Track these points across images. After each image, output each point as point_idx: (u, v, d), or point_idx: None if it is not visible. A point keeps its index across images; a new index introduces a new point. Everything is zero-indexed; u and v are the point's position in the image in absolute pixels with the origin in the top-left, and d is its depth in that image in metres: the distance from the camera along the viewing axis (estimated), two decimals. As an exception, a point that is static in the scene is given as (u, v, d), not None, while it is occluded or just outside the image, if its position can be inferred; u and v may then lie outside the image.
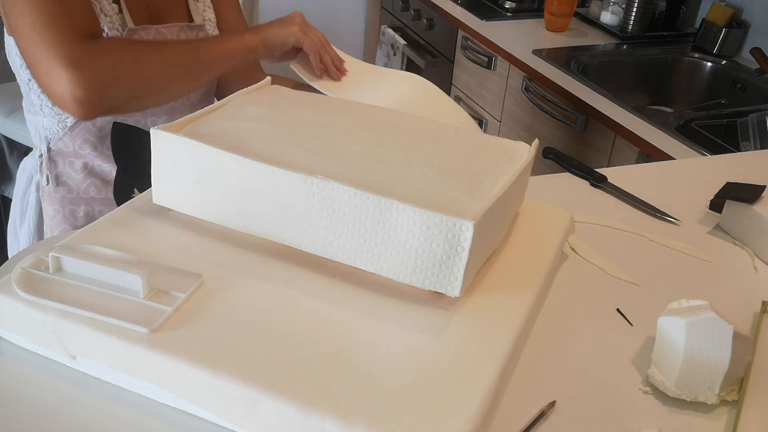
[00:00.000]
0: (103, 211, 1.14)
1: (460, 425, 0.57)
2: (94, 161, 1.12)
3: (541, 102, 1.98)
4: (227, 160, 0.71)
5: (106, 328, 0.63)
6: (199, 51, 1.04)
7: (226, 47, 1.06)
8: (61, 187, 1.13)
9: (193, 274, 0.69)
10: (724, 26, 2.09)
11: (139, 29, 1.05)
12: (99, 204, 1.15)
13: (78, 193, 1.13)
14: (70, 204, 1.14)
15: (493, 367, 0.63)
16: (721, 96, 2.03)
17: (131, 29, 1.03)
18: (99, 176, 1.13)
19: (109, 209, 1.13)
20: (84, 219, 1.15)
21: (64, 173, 1.13)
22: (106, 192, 1.14)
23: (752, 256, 0.98)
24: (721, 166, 1.23)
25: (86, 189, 1.13)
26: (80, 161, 1.12)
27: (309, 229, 0.70)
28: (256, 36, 1.07)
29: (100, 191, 1.14)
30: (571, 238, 0.94)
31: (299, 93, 0.94)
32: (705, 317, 0.68)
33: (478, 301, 0.71)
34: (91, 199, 1.14)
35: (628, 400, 0.71)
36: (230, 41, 1.07)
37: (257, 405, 0.58)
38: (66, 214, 1.14)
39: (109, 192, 1.14)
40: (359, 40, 3.25)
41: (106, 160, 1.12)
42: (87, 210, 1.15)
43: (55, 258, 0.67)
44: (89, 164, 1.12)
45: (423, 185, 0.71)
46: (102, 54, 0.94)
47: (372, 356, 0.63)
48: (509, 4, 2.45)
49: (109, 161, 1.12)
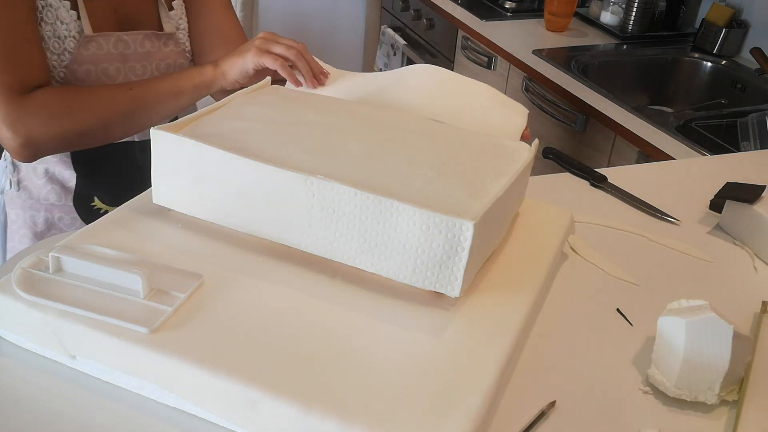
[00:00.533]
0: (62, 218, 1.13)
1: (460, 425, 0.57)
2: (55, 167, 1.11)
3: (541, 102, 1.98)
4: (227, 160, 0.71)
5: (106, 328, 0.63)
6: (147, 93, 1.02)
7: (179, 84, 1.04)
8: (23, 192, 1.12)
9: (193, 274, 0.69)
10: (724, 26, 2.09)
11: (97, 36, 1.02)
12: (59, 211, 1.13)
13: (38, 198, 1.12)
14: (30, 209, 1.13)
15: (493, 367, 0.63)
16: (721, 96, 2.03)
17: (88, 36, 1.01)
18: (59, 183, 1.12)
19: (68, 217, 1.13)
20: (43, 225, 1.13)
21: (26, 178, 1.12)
22: (66, 199, 1.12)
23: (752, 256, 0.98)
24: (721, 166, 1.23)
25: (46, 195, 1.12)
26: (42, 167, 1.10)
27: (309, 229, 0.70)
28: (215, 69, 1.04)
29: (60, 198, 1.12)
30: (571, 238, 0.94)
31: (299, 93, 0.94)
32: (705, 317, 0.68)
33: (478, 301, 0.71)
34: (51, 206, 1.13)
35: (628, 400, 0.71)
36: (184, 77, 1.04)
37: (257, 405, 0.58)
38: (26, 219, 1.13)
39: (69, 199, 1.12)
40: (359, 40, 3.25)
41: (66, 167, 1.11)
42: (47, 216, 1.13)
43: (55, 258, 0.67)
44: (50, 170, 1.11)
45: (423, 185, 0.71)
46: (34, 111, 0.95)
47: (372, 356, 0.63)
48: (509, 4, 2.45)
49: (70, 168, 1.11)
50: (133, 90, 1.02)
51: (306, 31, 3.10)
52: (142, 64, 1.08)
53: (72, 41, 1.01)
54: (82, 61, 1.02)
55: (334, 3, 3.11)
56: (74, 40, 1.01)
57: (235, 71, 1.02)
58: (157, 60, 1.10)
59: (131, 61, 1.07)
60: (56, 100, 0.98)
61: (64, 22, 1.00)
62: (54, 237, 1.05)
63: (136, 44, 1.07)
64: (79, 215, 1.13)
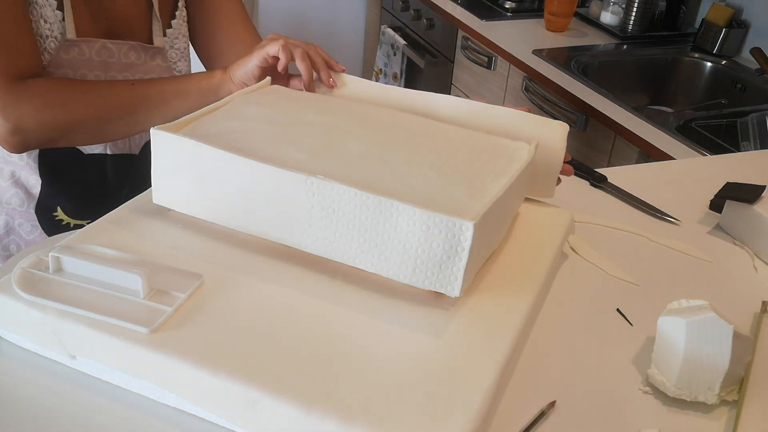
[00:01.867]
0: (23, 225, 1.10)
1: (460, 425, 0.57)
2: (21, 171, 1.07)
3: (541, 102, 1.98)
4: (227, 160, 0.71)
5: (106, 328, 0.63)
6: (149, 90, 0.99)
7: (184, 85, 1.00)
8: None
9: (193, 274, 0.69)
10: (724, 26, 2.09)
11: (81, 41, 0.99)
12: (19, 216, 1.10)
13: (0, 201, 1.09)
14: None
15: (493, 367, 0.63)
16: (721, 96, 2.03)
17: (69, 41, 0.98)
18: (24, 188, 1.08)
19: (29, 224, 1.09)
20: (3, 228, 1.10)
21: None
22: (29, 206, 1.09)
23: (752, 256, 0.98)
24: (721, 166, 1.23)
25: (9, 199, 1.08)
26: (9, 168, 1.07)
27: (309, 229, 0.70)
28: (224, 74, 1.00)
29: (22, 203, 1.09)
30: (571, 238, 0.94)
31: (299, 93, 0.94)
32: (705, 317, 0.68)
33: (478, 301, 0.71)
34: (12, 210, 1.09)
35: (628, 400, 0.71)
36: (190, 79, 1.01)
37: (257, 405, 0.58)
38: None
39: (32, 206, 1.09)
40: (359, 40, 3.25)
41: (32, 172, 1.07)
42: (6, 220, 1.10)
43: (55, 258, 0.67)
44: (16, 173, 1.07)
45: (423, 185, 0.71)
46: (27, 99, 0.93)
47: (372, 356, 0.63)
48: (509, 4, 2.45)
49: (36, 174, 1.07)
50: (136, 86, 0.99)
51: (306, 31, 3.10)
52: (124, 74, 1.05)
53: (53, 42, 0.98)
54: (60, 64, 0.99)
55: (334, 3, 3.11)
56: (56, 41, 0.98)
57: (240, 72, 0.99)
58: (140, 72, 1.07)
59: (113, 70, 1.04)
60: (52, 89, 0.95)
61: (48, 21, 0.97)
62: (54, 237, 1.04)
63: (121, 54, 1.04)
64: (39, 224, 1.10)
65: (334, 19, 3.14)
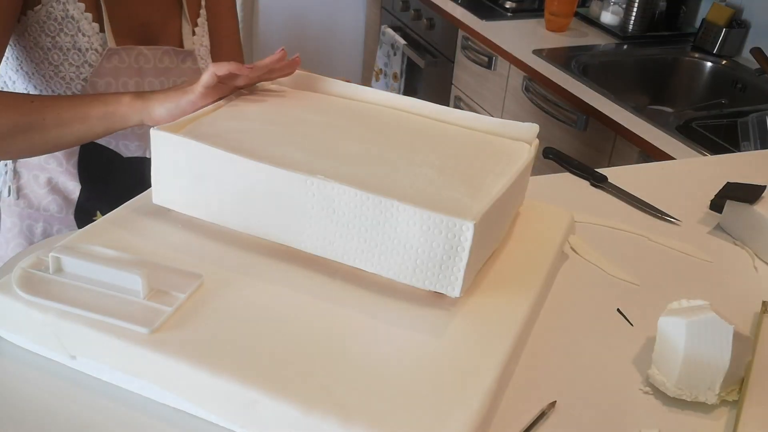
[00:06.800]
0: (61, 230, 1.10)
1: (460, 425, 0.57)
2: (59, 177, 1.08)
3: (542, 102, 1.98)
4: (227, 160, 0.71)
5: (106, 328, 0.63)
6: (46, 110, 0.89)
7: (87, 108, 0.89)
8: (22, 200, 1.10)
9: (193, 274, 0.69)
10: (724, 26, 2.09)
11: (120, 50, 1.01)
12: (58, 223, 1.11)
13: (38, 208, 1.10)
14: (28, 219, 1.10)
15: (493, 367, 0.63)
16: (721, 96, 2.03)
17: (111, 50, 1.00)
18: (62, 194, 1.09)
19: (67, 229, 1.10)
20: (41, 236, 1.10)
21: (27, 186, 1.09)
22: (67, 211, 1.10)
23: (752, 256, 0.98)
24: (721, 166, 1.23)
25: (47, 205, 1.09)
26: (45, 176, 1.08)
27: (309, 229, 0.70)
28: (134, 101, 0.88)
29: (61, 209, 1.10)
30: (571, 238, 0.94)
31: (299, 93, 0.94)
32: (705, 317, 0.68)
33: (478, 301, 0.71)
34: (50, 217, 1.10)
35: (628, 400, 0.71)
36: (95, 102, 0.89)
37: (257, 405, 0.58)
38: (23, 228, 1.11)
39: (70, 212, 1.10)
40: (359, 40, 3.25)
41: (71, 177, 1.08)
42: (45, 227, 1.11)
43: (55, 258, 0.67)
44: (53, 180, 1.09)
45: (423, 185, 0.71)
46: None
47: (372, 356, 0.63)
48: (509, 4, 2.45)
49: (74, 179, 1.08)
50: (35, 103, 0.89)
51: (306, 31, 3.10)
52: (160, 80, 1.07)
53: (94, 54, 1.00)
54: (103, 73, 1.01)
55: (334, 3, 3.11)
56: (96, 53, 1.00)
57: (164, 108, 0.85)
58: (174, 77, 1.08)
59: (149, 76, 1.05)
60: None
61: (86, 35, 0.99)
62: (54, 237, 1.04)
63: (156, 59, 1.06)
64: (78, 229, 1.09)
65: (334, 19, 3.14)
